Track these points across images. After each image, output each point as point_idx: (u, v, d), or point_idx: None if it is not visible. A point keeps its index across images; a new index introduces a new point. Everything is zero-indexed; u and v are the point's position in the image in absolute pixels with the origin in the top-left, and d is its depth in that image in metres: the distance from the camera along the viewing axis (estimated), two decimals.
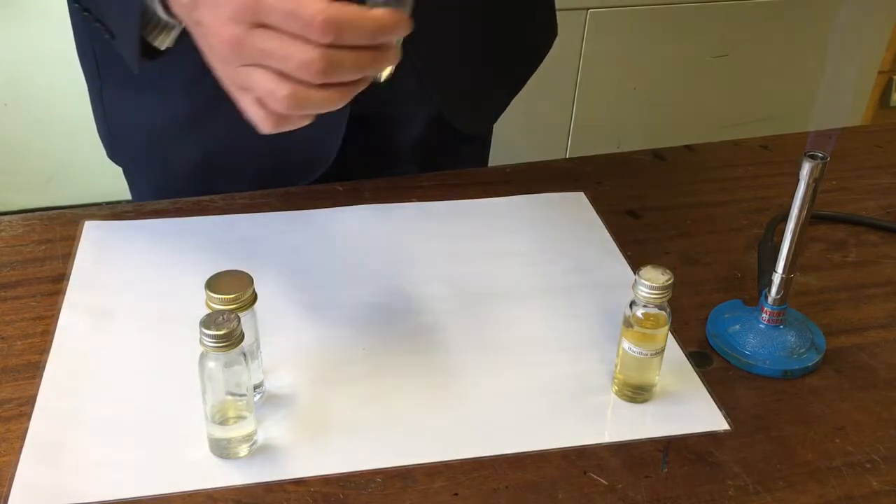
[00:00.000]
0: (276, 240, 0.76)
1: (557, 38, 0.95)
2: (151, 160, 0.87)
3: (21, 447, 0.56)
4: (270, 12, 0.50)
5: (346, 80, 0.52)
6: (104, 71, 0.84)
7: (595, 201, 0.84)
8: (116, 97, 0.84)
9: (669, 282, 0.57)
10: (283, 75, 0.52)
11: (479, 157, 1.00)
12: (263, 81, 0.52)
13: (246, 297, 0.55)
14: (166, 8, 0.60)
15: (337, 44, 0.50)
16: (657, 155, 0.93)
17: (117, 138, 0.87)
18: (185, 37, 0.64)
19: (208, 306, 0.55)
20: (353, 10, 0.50)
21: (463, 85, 0.87)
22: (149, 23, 0.63)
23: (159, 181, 0.89)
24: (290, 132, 0.57)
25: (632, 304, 0.59)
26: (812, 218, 0.62)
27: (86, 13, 0.71)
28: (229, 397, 0.55)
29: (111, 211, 0.79)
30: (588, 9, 1.81)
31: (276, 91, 0.52)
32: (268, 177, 0.83)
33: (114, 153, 0.88)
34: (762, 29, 1.96)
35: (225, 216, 0.79)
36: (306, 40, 0.50)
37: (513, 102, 0.98)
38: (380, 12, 0.51)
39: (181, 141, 0.83)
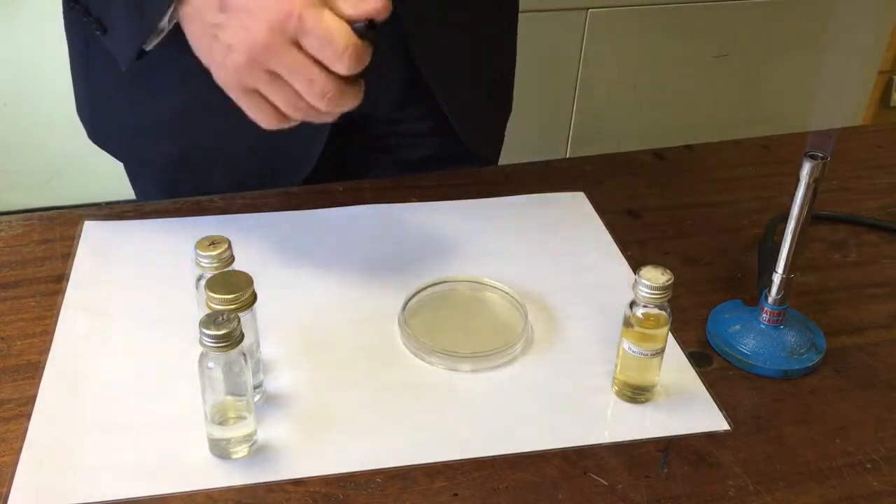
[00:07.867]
0: (276, 240, 0.76)
1: (557, 38, 0.96)
2: (131, 153, 0.89)
3: (21, 447, 0.56)
4: (308, 33, 0.56)
5: (343, 111, 0.60)
6: (92, 72, 0.84)
7: (595, 201, 0.84)
8: (103, 97, 0.85)
9: (669, 282, 0.57)
10: (297, 94, 0.59)
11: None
12: (282, 92, 0.59)
13: (246, 297, 0.55)
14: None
15: (352, 74, 0.57)
16: (657, 155, 0.93)
17: (100, 128, 0.89)
18: (174, 39, 0.64)
19: (208, 306, 0.55)
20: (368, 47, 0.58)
21: (466, 100, 0.88)
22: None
23: (136, 169, 0.93)
24: (273, 137, 0.61)
25: (632, 304, 0.59)
26: (812, 218, 0.62)
27: (74, 4, 0.71)
28: (229, 397, 0.55)
29: (111, 211, 0.79)
30: (588, 9, 1.80)
31: (297, 103, 0.59)
32: (247, 180, 0.84)
33: (95, 137, 0.90)
34: (762, 29, 1.96)
35: (225, 216, 0.79)
36: (328, 70, 0.57)
37: (513, 102, 0.98)
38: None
39: (160, 141, 0.84)
